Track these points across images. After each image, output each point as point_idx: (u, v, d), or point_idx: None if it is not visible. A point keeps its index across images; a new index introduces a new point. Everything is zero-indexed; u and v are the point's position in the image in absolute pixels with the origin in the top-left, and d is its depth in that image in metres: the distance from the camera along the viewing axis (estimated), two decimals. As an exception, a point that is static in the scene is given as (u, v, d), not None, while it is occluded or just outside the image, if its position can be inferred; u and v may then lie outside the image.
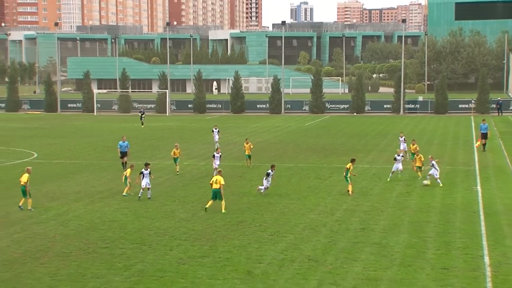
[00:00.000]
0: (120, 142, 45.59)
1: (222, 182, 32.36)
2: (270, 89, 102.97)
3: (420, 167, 41.21)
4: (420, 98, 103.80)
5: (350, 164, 36.94)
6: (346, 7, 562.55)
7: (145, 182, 34.99)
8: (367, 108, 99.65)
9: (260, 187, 36.74)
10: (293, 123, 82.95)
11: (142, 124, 78.00)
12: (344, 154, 51.51)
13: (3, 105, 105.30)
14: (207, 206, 32.56)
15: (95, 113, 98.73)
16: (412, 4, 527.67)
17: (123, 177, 36.50)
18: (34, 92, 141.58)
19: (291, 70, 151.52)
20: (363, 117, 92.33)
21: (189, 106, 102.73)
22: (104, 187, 39.21)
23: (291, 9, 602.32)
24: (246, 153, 46.60)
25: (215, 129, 56.90)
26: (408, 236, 28.13)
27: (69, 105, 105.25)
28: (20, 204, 33.44)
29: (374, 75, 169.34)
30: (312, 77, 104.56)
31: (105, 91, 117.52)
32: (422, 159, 41.20)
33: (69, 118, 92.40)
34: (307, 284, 22.13)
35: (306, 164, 47.93)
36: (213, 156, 42.81)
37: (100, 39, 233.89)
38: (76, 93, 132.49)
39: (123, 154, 45.02)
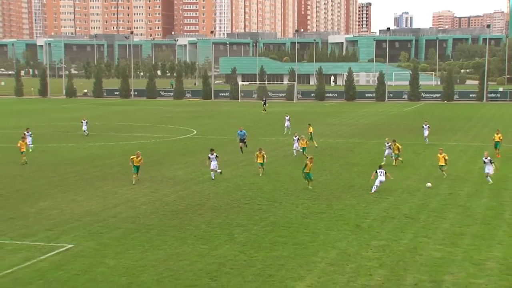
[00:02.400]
0: (238, 131, 43.14)
1: (310, 166, 30.10)
2: (376, 82, 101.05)
3: (397, 154, 35.76)
4: (501, 89, 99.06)
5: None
6: (440, 16, 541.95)
7: (213, 165, 31.89)
8: (455, 97, 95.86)
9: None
10: (394, 109, 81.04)
11: (264, 110, 76.13)
12: (436, 134, 49.94)
13: (171, 93, 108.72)
14: (308, 186, 30.26)
15: (239, 100, 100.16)
16: (496, 12, 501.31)
17: (255, 156, 34.25)
18: (195, 84, 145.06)
19: (394, 67, 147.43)
20: (452, 104, 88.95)
21: (312, 95, 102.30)
22: (245, 157, 39.60)
23: (394, 17, 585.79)
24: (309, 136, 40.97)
25: (286, 116, 54.42)
26: (488, 200, 27.04)
27: (220, 94, 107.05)
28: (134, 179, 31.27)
29: (462, 70, 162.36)
30: (411, 72, 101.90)
31: (247, 83, 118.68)
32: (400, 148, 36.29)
33: (220, 104, 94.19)
34: (404, 236, 21.72)
35: (404, 141, 46.66)
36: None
37: (244, 43, 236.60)
38: (226, 84, 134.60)
39: (241, 140, 42.42)
